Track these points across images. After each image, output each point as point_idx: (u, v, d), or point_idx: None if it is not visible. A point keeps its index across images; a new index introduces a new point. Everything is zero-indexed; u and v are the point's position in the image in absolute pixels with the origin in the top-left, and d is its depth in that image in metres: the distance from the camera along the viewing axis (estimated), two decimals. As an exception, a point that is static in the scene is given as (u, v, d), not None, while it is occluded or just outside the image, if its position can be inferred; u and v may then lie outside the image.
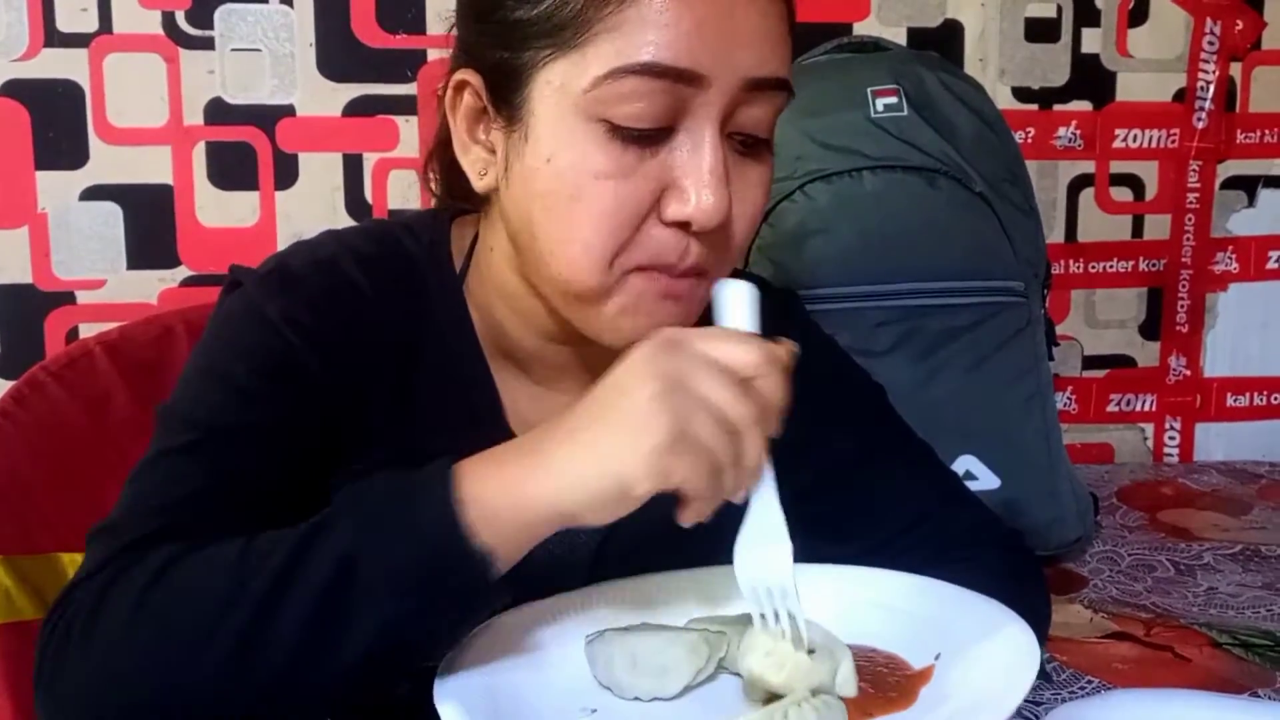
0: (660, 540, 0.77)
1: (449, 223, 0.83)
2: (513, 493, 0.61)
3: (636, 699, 0.67)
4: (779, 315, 0.87)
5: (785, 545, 0.66)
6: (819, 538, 0.83)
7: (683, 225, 0.68)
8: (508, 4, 0.70)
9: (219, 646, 0.60)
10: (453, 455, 0.63)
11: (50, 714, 0.64)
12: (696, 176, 0.67)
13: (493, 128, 0.73)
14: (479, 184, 0.75)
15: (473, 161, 0.75)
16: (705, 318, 0.72)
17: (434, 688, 0.63)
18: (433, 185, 0.86)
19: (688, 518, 0.62)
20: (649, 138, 0.68)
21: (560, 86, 0.68)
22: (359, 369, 0.75)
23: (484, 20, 0.72)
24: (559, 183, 0.69)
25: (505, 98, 0.71)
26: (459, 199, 0.83)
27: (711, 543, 0.79)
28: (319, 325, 0.74)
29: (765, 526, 0.66)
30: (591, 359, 0.80)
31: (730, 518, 0.83)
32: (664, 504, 0.80)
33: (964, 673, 0.64)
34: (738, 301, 0.68)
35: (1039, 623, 0.87)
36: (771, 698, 0.65)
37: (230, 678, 0.60)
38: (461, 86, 0.74)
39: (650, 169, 0.68)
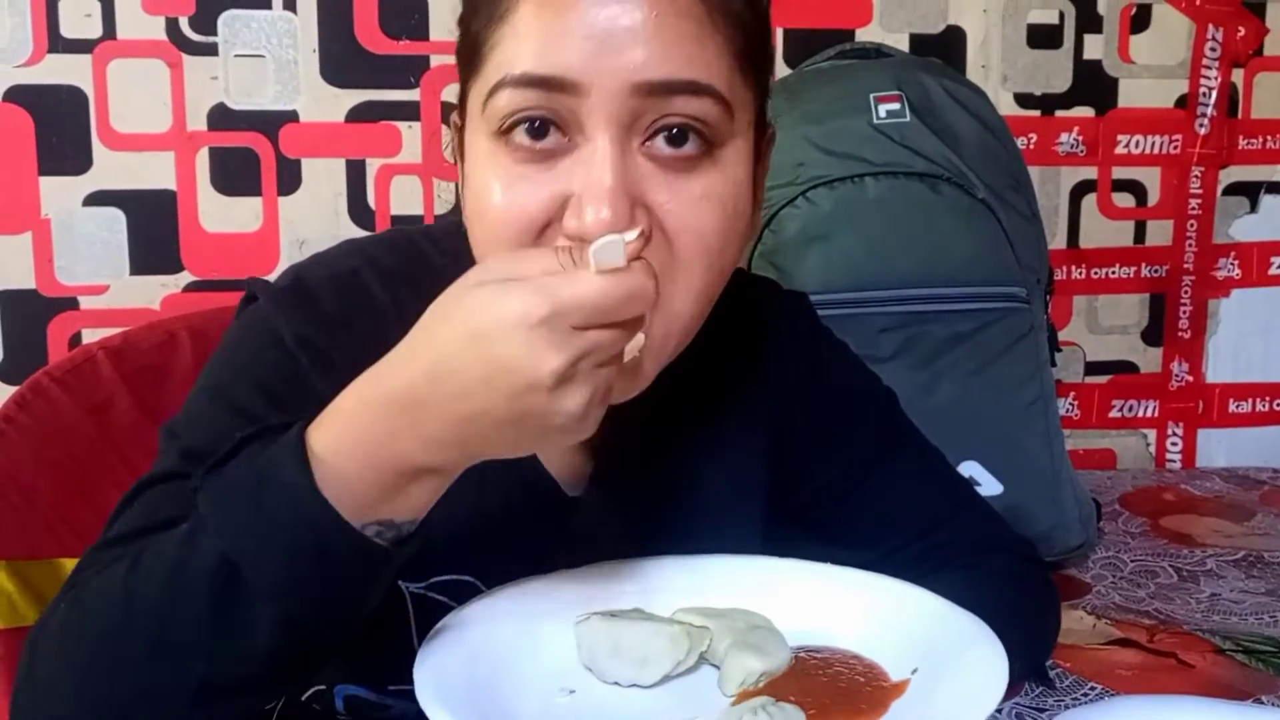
0: (684, 536, 0.77)
1: (466, 236, 0.81)
2: (371, 462, 0.58)
3: (616, 684, 0.67)
4: (790, 323, 0.88)
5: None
6: (831, 543, 0.83)
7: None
8: (460, 40, 0.71)
9: (138, 670, 0.60)
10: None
11: None
12: (588, 189, 0.64)
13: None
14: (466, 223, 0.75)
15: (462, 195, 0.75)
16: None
17: (417, 654, 0.64)
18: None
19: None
20: (541, 150, 0.66)
21: (474, 110, 0.69)
22: None
23: (457, 62, 0.73)
24: (471, 202, 0.69)
25: (463, 127, 0.73)
26: None
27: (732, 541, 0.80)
28: (333, 346, 0.72)
29: None
30: None
31: (730, 513, 0.83)
32: (690, 499, 0.81)
33: (935, 691, 0.65)
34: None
35: (1047, 633, 0.87)
36: (745, 693, 0.65)
37: (159, 697, 0.60)
38: (457, 129, 0.75)
39: (545, 181, 0.66)
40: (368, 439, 0.58)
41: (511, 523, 0.76)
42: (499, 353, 0.55)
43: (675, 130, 0.66)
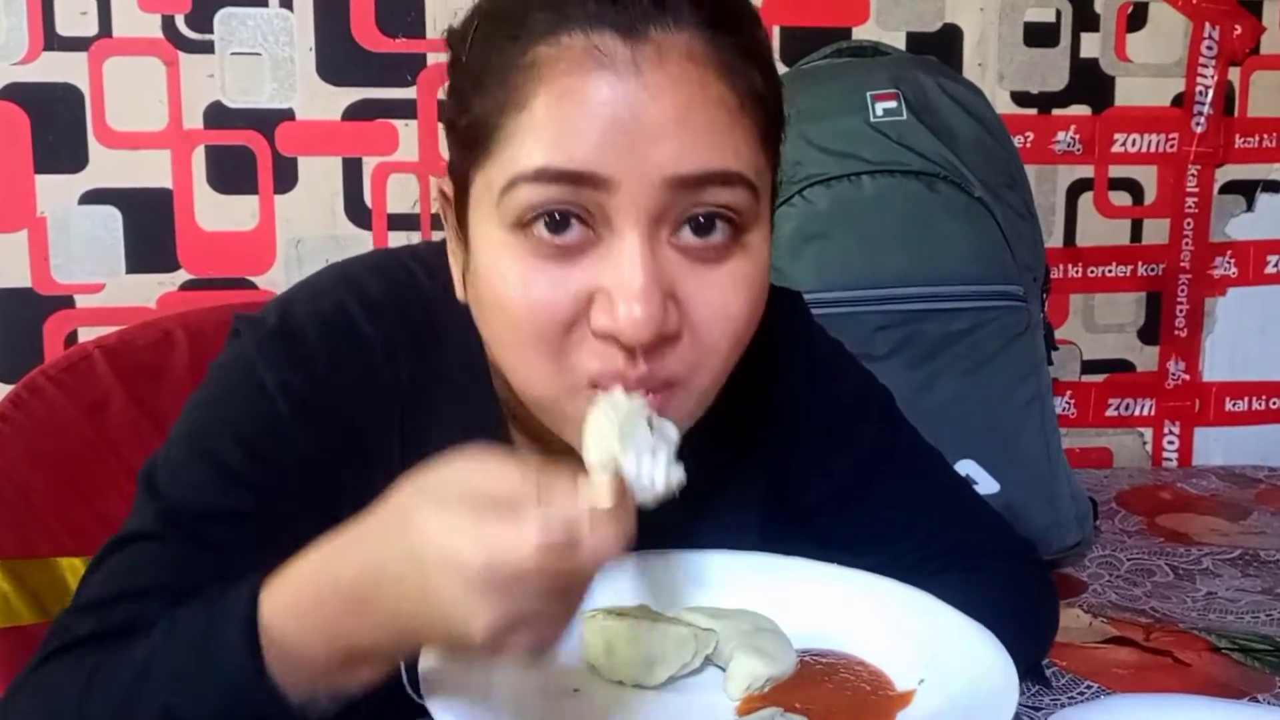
0: (679, 540, 0.77)
1: None
2: (315, 641, 0.58)
3: (620, 683, 0.67)
4: (784, 325, 0.85)
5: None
6: (832, 549, 0.82)
7: (616, 340, 0.63)
8: (456, 113, 0.68)
9: None
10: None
11: None
12: (619, 286, 0.62)
13: (460, 239, 0.71)
14: (459, 294, 0.73)
15: (455, 270, 0.73)
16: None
17: (420, 655, 0.63)
18: None
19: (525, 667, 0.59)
20: (564, 245, 0.63)
21: (484, 196, 0.66)
22: (360, 434, 0.72)
23: (448, 130, 0.71)
24: (488, 292, 0.66)
25: (462, 205, 0.69)
26: None
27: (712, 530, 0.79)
28: (316, 392, 0.71)
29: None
30: None
31: (722, 516, 0.83)
32: (684, 503, 0.80)
33: (942, 703, 0.64)
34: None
35: (1045, 636, 0.87)
36: (751, 697, 0.65)
37: None
38: (446, 199, 0.72)
39: (572, 277, 0.63)
40: (316, 623, 0.58)
41: None
42: (435, 585, 0.53)
43: (704, 220, 0.64)
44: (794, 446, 0.84)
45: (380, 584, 0.56)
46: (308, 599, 0.58)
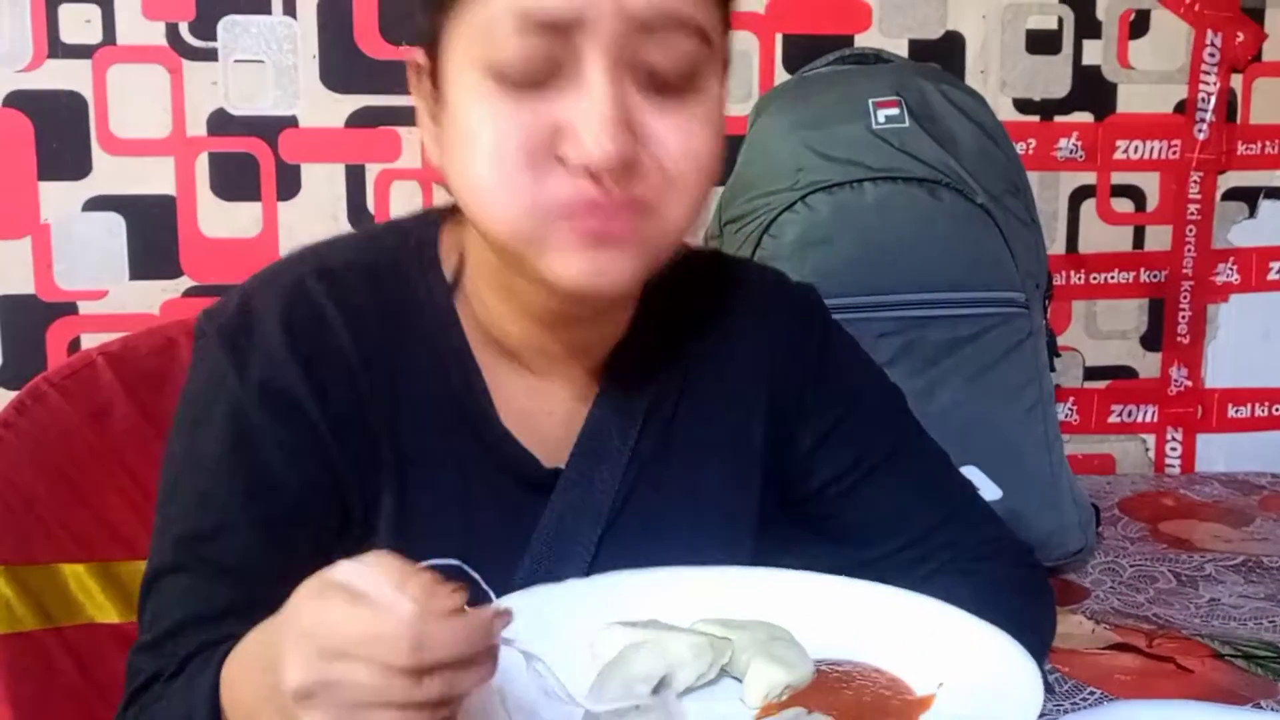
0: (660, 542, 0.77)
1: (439, 223, 0.81)
2: None
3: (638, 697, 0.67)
4: (798, 309, 0.86)
5: None
6: (830, 541, 0.83)
7: (587, 171, 0.67)
8: None
9: None
10: (438, 465, 0.62)
11: None
12: (586, 120, 0.66)
13: (437, 102, 0.74)
14: (432, 158, 0.75)
15: (428, 139, 0.76)
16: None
17: None
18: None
19: None
20: (536, 84, 0.67)
21: (461, 45, 0.69)
22: (331, 405, 0.74)
23: (421, 1, 0.73)
24: (459, 136, 0.69)
25: (436, 68, 0.72)
26: None
27: (712, 545, 0.80)
28: (280, 378, 0.73)
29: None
30: (584, 346, 0.79)
31: (745, 516, 0.83)
32: (681, 482, 0.81)
33: (964, 706, 0.64)
34: None
35: (1043, 639, 0.87)
36: (767, 708, 0.65)
37: None
38: (417, 69, 0.75)
39: (540, 112, 0.67)
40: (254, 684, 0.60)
41: (493, 501, 0.77)
42: (275, 642, 0.55)
43: (663, 62, 0.68)
44: (800, 428, 0.84)
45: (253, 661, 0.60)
46: (247, 670, 0.61)
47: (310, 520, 0.73)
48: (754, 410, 0.84)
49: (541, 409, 0.79)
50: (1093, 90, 1.78)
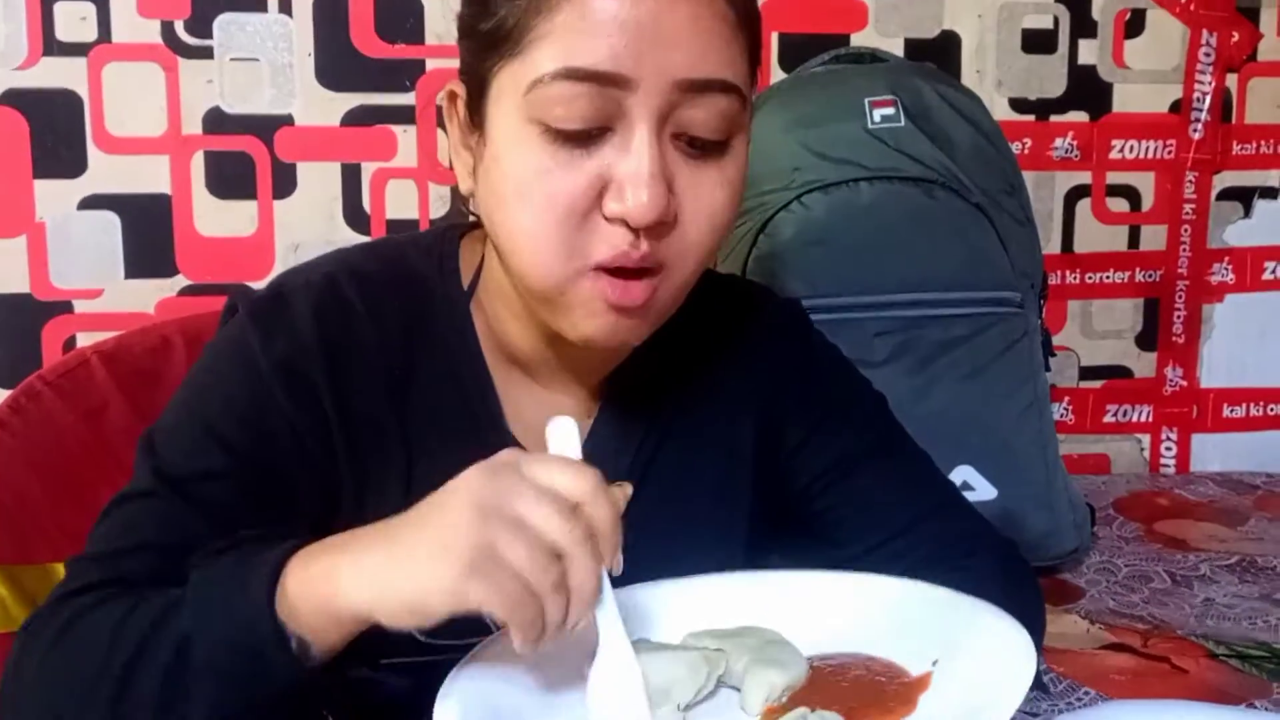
0: (654, 546, 0.77)
1: (459, 238, 0.85)
2: (320, 589, 0.62)
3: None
4: (783, 324, 0.89)
5: (635, 674, 0.65)
6: (814, 540, 0.84)
7: (624, 222, 0.70)
8: (477, 19, 0.74)
9: (97, 708, 0.65)
10: (446, 468, 0.64)
11: None
12: (630, 175, 0.70)
13: (473, 135, 0.77)
14: (463, 187, 0.79)
15: (460, 167, 0.79)
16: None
17: (435, 706, 0.63)
18: (459, 201, 0.89)
19: (518, 644, 0.61)
20: (584, 138, 0.70)
21: (508, 91, 0.72)
22: (346, 395, 0.77)
23: (465, 35, 0.76)
24: (505, 182, 0.72)
25: (477, 105, 0.75)
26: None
27: (706, 549, 0.80)
28: (301, 358, 0.76)
29: (614, 656, 0.65)
30: (592, 361, 0.82)
31: (737, 519, 0.84)
32: (675, 497, 0.82)
33: (962, 677, 0.64)
34: (565, 437, 0.68)
35: (1034, 632, 0.87)
36: (769, 712, 0.65)
37: None
38: (453, 97, 0.78)
39: (588, 167, 0.70)
40: (317, 574, 0.63)
41: None
42: (440, 504, 0.61)
43: (702, 123, 0.71)
44: (785, 431, 0.87)
45: (389, 523, 0.63)
46: (326, 546, 0.64)
47: (297, 499, 0.75)
48: (744, 418, 0.87)
49: (548, 418, 0.81)
50: (1088, 90, 1.78)
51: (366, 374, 0.78)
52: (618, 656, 0.65)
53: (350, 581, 0.61)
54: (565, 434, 0.67)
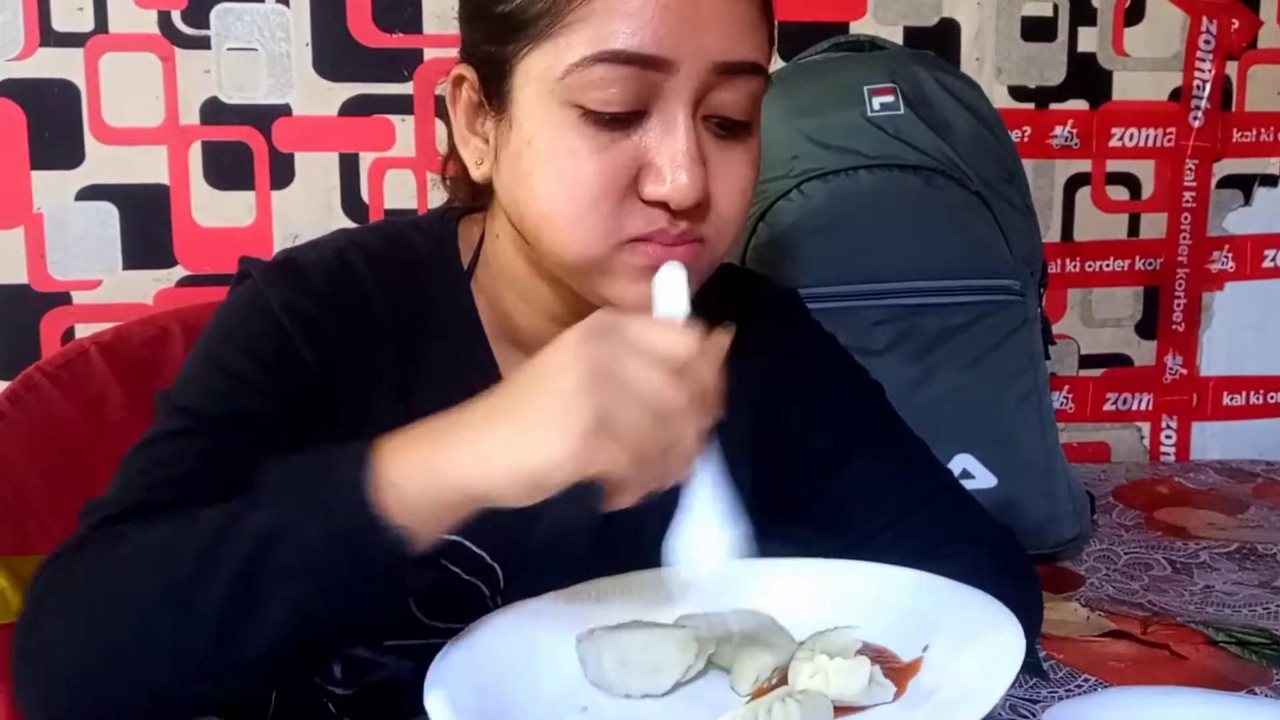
0: (655, 530, 0.77)
1: (456, 221, 0.86)
2: (426, 472, 0.61)
3: (628, 696, 0.67)
4: (781, 313, 0.89)
5: (724, 531, 0.65)
6: (810, 528, 0.84)
7: (663, 204, 0.71)
8: (494, 3, 0.74)
9: (152, 621, 0.62)
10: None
11: (23, 680, 0.65)
12: (670, 157, 0.70)
13: (486, 119, 0.76)
14: (475, 173, 0.78)
15: (471, 152, 0.79)
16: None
17: (424, 688, 0.63)
18: (447, 186, 0.89)
19: (614, 503, 0.61)
20: (621, 120, 0.70)
21: (539, 75, 0.72)
22: (358, 360, 0.78)
23: (476, 18, 0.76)
24: (538, 162, 0.72)
25: (495, 89, 0.75)
26: (475, 197, 0.85)
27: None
28: (319, 316, 0.76)
29: (705, 513, 0.65)
30: None
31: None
32: (658, 508, 0.82)
33: (951, 663, 0.65)
34: (672, 286, 0.69)
35: (1031, 619, 0.87)
36: (759, 692, 0.65)
37: (162, 652, 0.62)
38: (460, 81, 0.78)
39: (625, 149, 0.71)
40: (423, 454, 0.62)
41: None
42: (547, 375, 0.61)
43: (733, 104, 0.72)
44: (781, 419, 0.87)
45: (490, 401, 0.62)
46: (419, 434, 0.63)
47: (310, 437, 0.72)
48: (741, 406, 0.85)
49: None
50: (1088, 77, 1.78)
51: (376, 342, 0.78)
52: (708, 508, 0.65)
53: (467, 462, 0.60)
54: (674, 284, 0.69)
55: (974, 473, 1.30)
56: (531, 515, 0.76)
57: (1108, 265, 1.83)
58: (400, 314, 0.80)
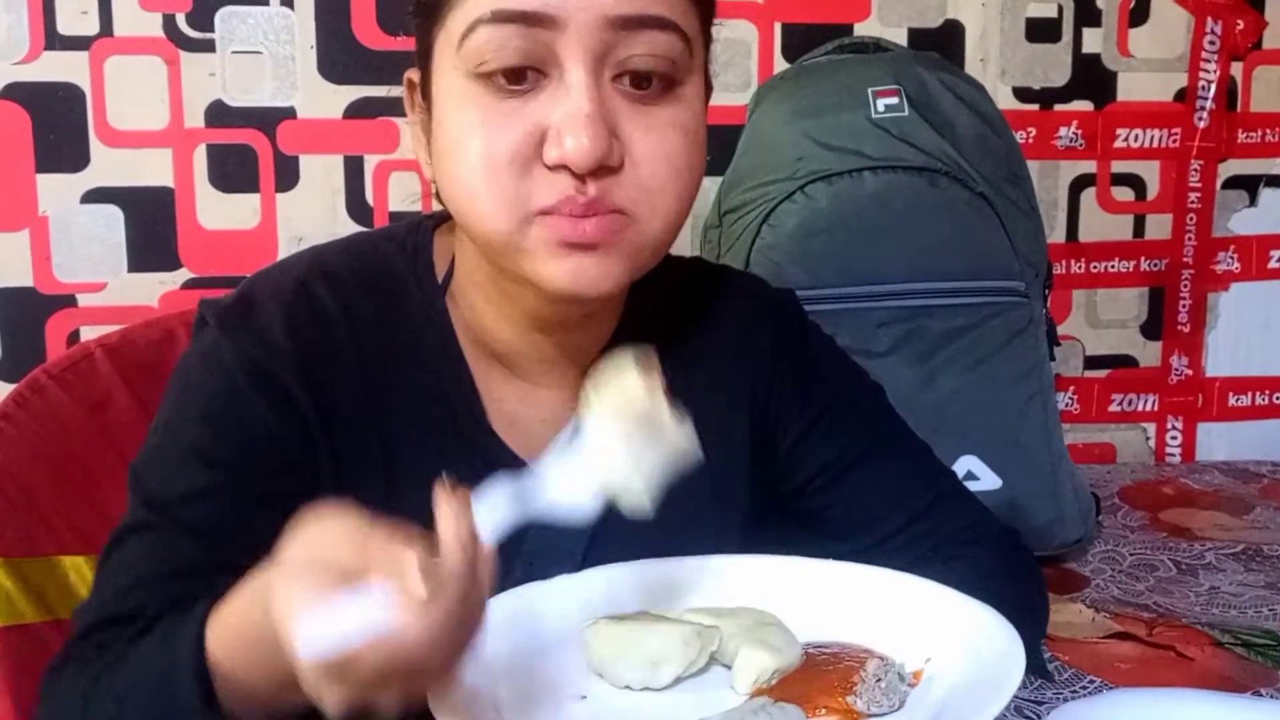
0: (648, 538, 0.77)
1: (432, 231, 0.84)
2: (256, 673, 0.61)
3: (628, 687, 0.67)
4: (778, 316, 0.89)
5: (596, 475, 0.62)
6: (816, 534, 0.84)
7: (566, 169, 0.68)
8: None
9: None
10: (428, 464, 0.62)
11: None
12: (566, 118, 0.68)
13: (426, 114, 0.76)
14: (426, 173, 0.77)
15: (421, 152, 0.78)
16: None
17: None
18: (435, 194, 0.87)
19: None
20: (518, 85, 0.69)
21: (443, 53, 0.71)
22: (323, 402, 0.75)
23: (413, 16, 0.76)
24: (447, 141, 0.71)
25: (426, 82, 0.75)
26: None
27: (701, 540, 0.80)
28: (276, 366, 0.74)
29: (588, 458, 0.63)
30: (572, 350, 0.80)
31: (732, 510, 0.84)
32: (671, 488, 0.81)
33: (951, 678, 0.65)
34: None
35: (1036, 621, 0.87)
36: (757, 693, 0.65)
37: None
38: (411, 86, 0.78)
39: (525, 116, 0.69)
40: (254, 659, 0.61)
41: None
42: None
43: (641, 63, 0.70)
44: (782, 426, 0.86)
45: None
46: (243, 637, 0.61)
47: (284, 501, 0.72)
48: (738, 408, 0.85)
49: (531, 413, 0.80)
50: (1093, 78, 1.78)
51: (342, 376, 0.76)
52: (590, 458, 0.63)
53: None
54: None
55: (978, 474, 1.30)
56: (509, 554, 0.77)
57: (1113, 266, 1.83)
58: (369, 343, 0.77)
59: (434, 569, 0.53)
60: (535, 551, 0.77)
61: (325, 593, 0.52)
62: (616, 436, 0.63)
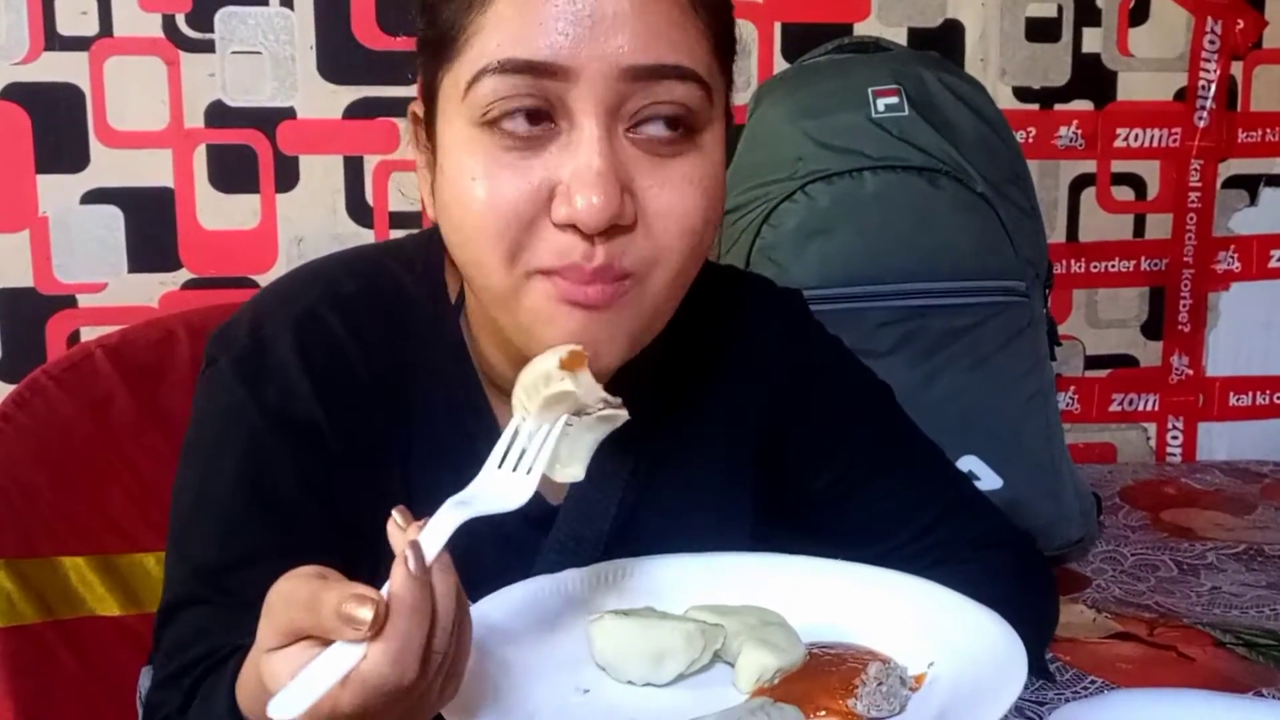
0: (674, 536, 0.77)
1: (442, 246, 0.80)
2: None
3: (630, 683, 0.67)
4: (784, 319, 0.87)
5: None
6: (830, 543, 0.82)
7: (575, 229, 0.65)
8: (426, 28, 0.71)
9: None
10: (444, 489, 0.62)
11: None
12: (576, 175, 0.64)
13: (430, 154, 0.73)
14: (430, 213, 0.74)
15: (425, 190, 0.75)
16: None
17: None
18: None
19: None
20: (527, 137, 0.65)
21: (448, 97, 0.68)
22: (344, 425, 0.74)
23: (419, 51, 0.73)
24: (450, 189, 0.68)
25: (431, 120, 0.72)
26: None
27: (721, 540, 0.80)
28: (297, 404, 0.73)
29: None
30: None
31: (715, 511, 0.83)
32: (678, 499, 0.81)
33: (953, 684, 0.65)
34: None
35: (1044, 626, 0.87)
36: (761, 689, 0.65)
37: None
38: (416, 119, 0.75)
39: (533, 167, 0.65)
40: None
41: (495, 535, 0.76)
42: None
43: (659, 114, 0.66)
44: (790, 435, 0.85)
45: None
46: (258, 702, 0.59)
47: (330, 549, 0.70)
48: (746, 415, 0.84)
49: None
50: (1093, 78, 1.77)
51: (360, 408, 0.74)
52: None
53: None
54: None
55: (979, 474, 1.30)
56: (526, 562, 0.76)
57: (1113, 266, 1.83)
58: (385, 372, 0.75)
59: (380, 598, 0.53)
60: (552, 562, 0.77)
61: (291, 660, 0.53)
62: (551, 431, 0.64)
